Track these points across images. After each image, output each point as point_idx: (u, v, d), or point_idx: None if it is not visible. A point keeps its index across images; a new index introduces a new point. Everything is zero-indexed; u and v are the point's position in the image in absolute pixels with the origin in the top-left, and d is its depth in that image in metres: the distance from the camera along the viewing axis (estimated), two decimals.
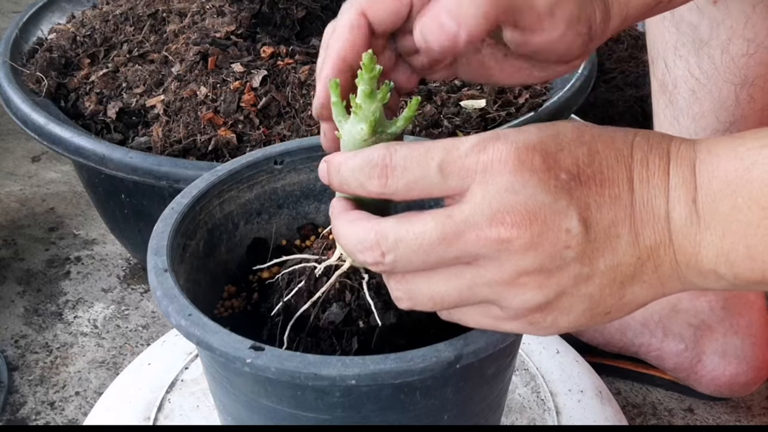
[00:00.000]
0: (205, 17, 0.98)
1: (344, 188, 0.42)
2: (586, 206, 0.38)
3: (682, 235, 0.39)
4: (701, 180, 0.39)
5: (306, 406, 0.44)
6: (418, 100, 0.43)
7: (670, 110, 0.76)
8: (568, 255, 0.38)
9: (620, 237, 0.39)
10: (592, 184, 0.39)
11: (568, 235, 0.38)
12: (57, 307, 0.98)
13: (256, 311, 0.54)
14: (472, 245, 0.38)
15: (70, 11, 1.08)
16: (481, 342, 0.42)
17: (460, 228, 0.38)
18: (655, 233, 0.39)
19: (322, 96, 0.46)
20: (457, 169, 0.39)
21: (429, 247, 0.39)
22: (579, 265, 0.39)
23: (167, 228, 0.50)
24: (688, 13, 0.71)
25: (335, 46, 0.46)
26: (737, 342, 0.81)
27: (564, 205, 0.38)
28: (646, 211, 0.39)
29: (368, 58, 0.42)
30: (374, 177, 0.40)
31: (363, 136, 0.43)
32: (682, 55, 0.73)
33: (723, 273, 0.39)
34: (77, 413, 0.85)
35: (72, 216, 1.14)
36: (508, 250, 0.38)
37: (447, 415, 0.47)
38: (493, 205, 0.38)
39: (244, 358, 0.41)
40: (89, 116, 0.91)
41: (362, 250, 0.40)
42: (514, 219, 0.38)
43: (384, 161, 0.40)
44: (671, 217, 0.39)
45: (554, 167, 0.38)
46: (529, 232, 0.38)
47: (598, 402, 0.71)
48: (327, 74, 0.46)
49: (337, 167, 0.42)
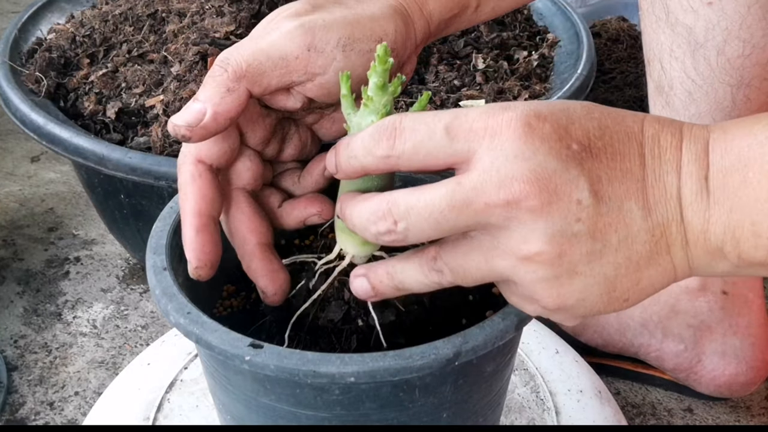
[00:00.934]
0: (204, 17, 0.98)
1: (352, 163, 0.41)
2: (598, 179, 0.38)
3: (692, 211, 0.38)
4: (714, 157, 0.38)
5: (305, 404, 0.44)
6: (429, 95, 0.44)
7: (666, 112, 0.77)
8: (579, 228, 0.38)
9: (632, 212, 0.38)
10: (603, 156, 0.38)
11: (578, 207, 0.37)
12: (56, 307, 0.98)
13: (255, 310, 0.54)
14: (482, 213, 0.38)
15: (69, 11, 1.08)
16: (480, 339, 0.42)
17: (469, 196, 0.38)
18: (667, 210, 0.39)
19: (194, 260, 0.45)
20: (465, 132, 0.38)
21: (440, 215, 0.38)
22: (591, 241, 0.38)
23: (166, 227, 0.50)
24: (683, 15, 0.71)
25: (186, 206, 0.46)
26: (736, 342, 0.82)
27: (575, 174, 0.37)
28: (658, 186, 0.39)
29: (383, 50, 0.42)
30: (383, 140, 0.39)
31: None
32: (677, 57, 0.74)
33: (728, 251, 0.38)
34: (76, 413, 0.85)
35: (71, 216, 1.14)
36: (516, 218, 0.37)
37: (446, 413, 0.47)
38: (502, 172, 0.37)
39: (243, 355, 0.41)
40: (88, 116, 0.91)
41: (375, 220, 0.40)
42: (523, 186, 0.37)
43: (393, 124, 0.40)
44: (682, 193, 0.38)
45: (565, 137, 0.38)
46: (538, 199, 0.37)
47: (597, 402, 0.71)
48: (190, 238, 0.45)
49: (347, 142, 0.41)
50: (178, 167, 0.47)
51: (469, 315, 0.51)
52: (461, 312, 0.51)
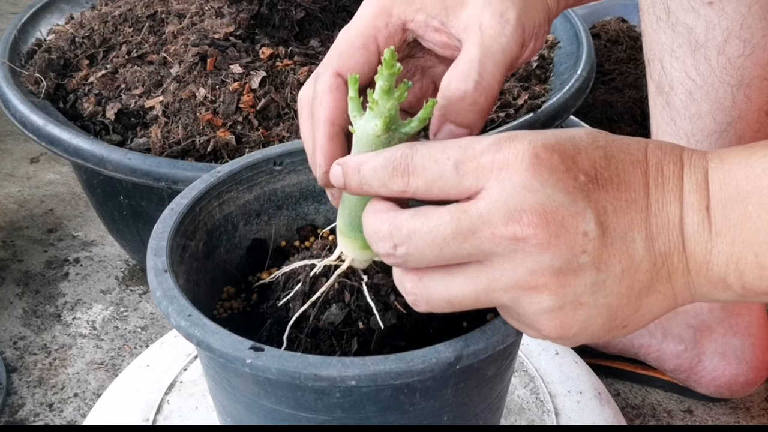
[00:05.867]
0: (204, 18, 0.98)
1: (364, 189, 0.41)
2: (604, 210, 0.38)
3: (694, 242, 0.39)
4: (713, 187, 0.39)
5: (306, 407, 0.44)
6: (434, 102, 0.44)
7: (667, 112, 0.77)
8: (584, 260, 0.38)
9: (635, 242, 0.38)
10: (609, 187, 0.38)
11: (584, 239, 0.38)
12: (56, 309, 0.98)
13: (256, 312, 0.54)
14: (487, 242, 0.38)
15: (68, 12, 1.08)
16: (481, 343, 0.42)
17: (475, 224, 0.38)
18: (669, 239, 0.39)
19: (325, 164, 0.47)
20: (473, 169, 0.38)
21: (443, 242, 0.38)
22: (595, 272, 0.38)
23: (167, 229, 0.50)
24: (684, 15, 0.71)
25: (321, 113, 0.47)
26: (737, 342, 0.81)
27: (582, 207, 0.38)
28: (661, 216, 0.39)
29: (390, 54, 0.42)
30: (397, 176, 0.40)
31: (376, 132, 0.43)
32: (678, 57, 0.73)
33: (731, 282, 0.39)
34: (76, 415, 0.85)
35: (71, 217, 1.14)
36: (523, 250, 0.37)
37: (446, 416, 0.47)
38: (510, 204, 0.37)
39: (244, 358, 0.41)
40: (88, 117, 0.91)
41: (376, 240, 0.40)
42: (531, 219, 0.37)
43: (406, 160, 0.40)
44: (685, 223, 0.39)
45: (573, 168, 0.38)
46: (545, 232, 0.37)
47: (597, 403, 0.71)
48: (322, 143, 0.46)
49: (356, 167, 0.41)
50: (316, 76, 0.48)
51: (470, 318, 0.51)
52: (462, 315, 0.51)
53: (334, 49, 0.48)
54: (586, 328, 0.39)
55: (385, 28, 0.48)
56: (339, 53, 0.48)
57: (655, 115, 0.79)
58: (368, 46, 0.48)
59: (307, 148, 0.49)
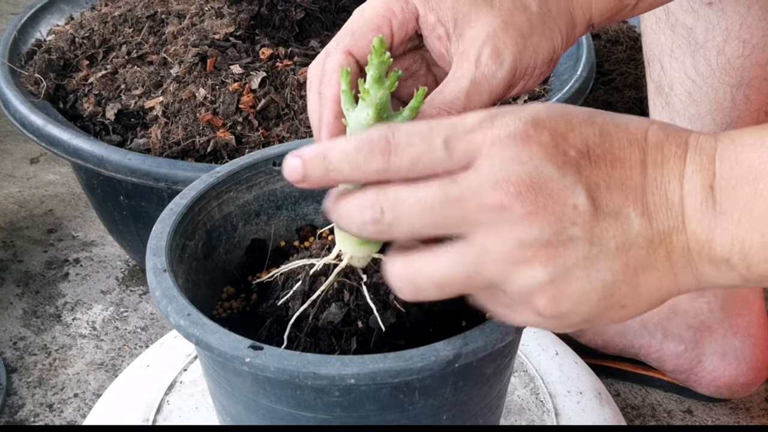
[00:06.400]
0: (203, 19, 0.98)
1: (331, 176, 0.39)
2: (596, 185, 0.37)
3: (696, 220, 0.38)
4: (722, 167, 0.38)
5: (305, 406, 0.44)
6: (425, 91, 0.44)
7: (666, 112, 0.77)
8: (574, 232, 0.37)
9: (631, 219, 0.38)
10: (602, 163, 0.38)
11: (574, 211, 0.37)
12: (56, 309, 0.98)
13: (255, 312, 0.54)
14: (473, 211, 0.37)
15: (68, 13, 1.08)
16: (480, 341, 0.42)
17: (463, 193, 0.37)
18: (668, 218, 0.38)
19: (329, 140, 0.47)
20: (464, 144, 0.38)
21: (429, 209, 0.37)
22: (588, 245, 0.37)
23: (166, 229, 0.50)
24: (684, 15, 0.71)
25: (329, 92, 0.47)
26: (737, 343, 0.82)
27: (572, 180, 0.37)
28: (659, 195, 0.38)
29: (378, 42, 0.42)
30: (375, 154, 0.38)
31: (368, 121, 0.43)
32: (678, 57, 0.74)
33: (736, 263, 0.38)
34: (76, 415, 0.85)
35: (70, 218, 1.14)
36: (509, 220, 0.37)
37: (446, 415, 0.47)
38: (498, 175, 0.37)
39: (243, 357, 0.41)
40: (88, 118, 0.91)
41: (362, 208, 0.38)
42: (518, 189, 0.36)
43: (386, 138, 0.38)
44: (685, 202, 0.38)
45: (563, 144, 0.38)
46: (532, 203, 0.36)
47: (597, 403, 0.71)
48: (328, 121, 0.46)
49: (321, 154, 0.39)
50: (326, 53, 0.48)
51: (469, 316, 0.51)
52: (461, 313, 0.51)
53: (347, 28, 0.48)
54: (581, 305, 0.38)
55: (400, 13, 0.48)
56: (352, 32, 0.48)
57: (655, 116, 0.79)
58: (382, 28, 0.48)
59: (313, 124, 0.49)
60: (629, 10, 0.53)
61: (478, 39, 0.47)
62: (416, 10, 0.48)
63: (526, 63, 0.47)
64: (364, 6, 0.49)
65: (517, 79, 0.48)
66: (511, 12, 0.47)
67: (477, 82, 0.46)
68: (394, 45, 0.49)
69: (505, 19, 0.47)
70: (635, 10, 0.53)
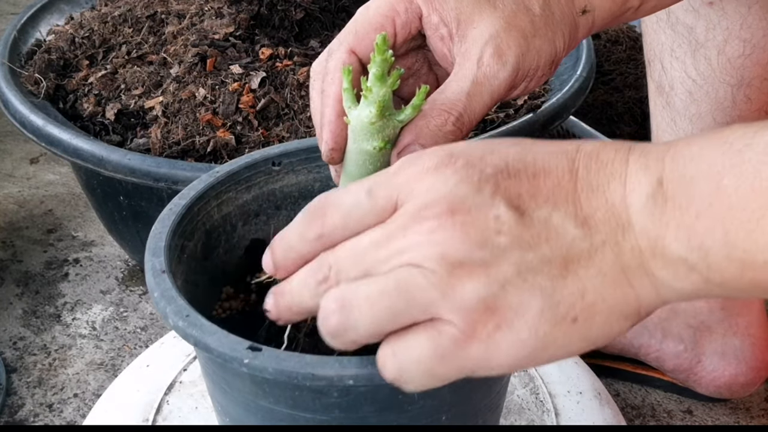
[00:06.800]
0: (203, 19, 0.98)
1: (289, 255, 0.41)
2: (517, 195, 0.37)
3: (644, 215, 0.36)
4: (673, 165, 0.36)
5: (304, 407, 0.44)
6: (427, 89, 0.44)
7: (667, 112, 0.77)
8: (501, 241, 0.36)
9: (563, 222, 0.36)
10: (522, 175, 0.37)
11: (497, 222, 0.36)
12: (55, 309, 0.98)
13: (255, 312, 0.54)
14: (400, 243, 0.37)
15: (68, 13, 1.08)
16: None
17: (391, 232, 0.37)
18: (609, 218, 0.36)
19: (331, 141, 0.47)
20: (385, 189, 0.39)
21: (362, 255, 0.38)
22: (519, 252, 0.36)
23: (165, 229, 0.50)
24: (684, 15, 0.71)
25: (331, 90, 0.47)
26: (736, 342, 0.81)
27: (489, 194, 0.36)
28: (596, 197, 0.37)
29: (381, 40, 0.42)
30: (313, 220, 0.40)
31: (371, 119, 0.43)
32: (678, 57, 0.74)
33: (694, 262, 0.35)
34: (75, 415, 0.85)
35: (70, 218, 1.14)
36: (434, 242, 0.36)
37: (445, 415, 0.47)
38: (417, 205, 0.37)
39: (242, 358, 0.41)
40: (88, 118, 0.91)
41: (309, 274, 0.40)
42: (435, 211, 0.36)
43: (320, 203, 0.40)
44: (629, 200, 0.36)
45: (479, 164, 0.37)
46: (451, 220, 0.36)
47: (597, 403, 0.71)
48: (329, 119, 0.47)
49: (281, 235, 0.42)
50: (330, 52, 0.49)
51: None
52: None
53: (350, 27, 0.49)
54: (523, 314, 0.36)
55: (404, 13, 0.48)
56: (355, 31, 0.48)
57: (656, 116, 0.79)
58: (385, 27, 0.48)
59: (315, 122, 0.49)
60: (631, 13, 0.53)
61: (481, 39, 0.47)
62: (420, 10, 0.48)
63: (529, 64, 0.47)
64: (367, 5, 0.49)
65: (519, 80, 0.48)
66: (514, 13, 0.47)
67: (478, 82, 0.46)
68: (397, 44, 0.49)
69: (508, 20, 0.47)
70: (638, 14, 0.53)
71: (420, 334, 0.37)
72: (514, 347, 0.36)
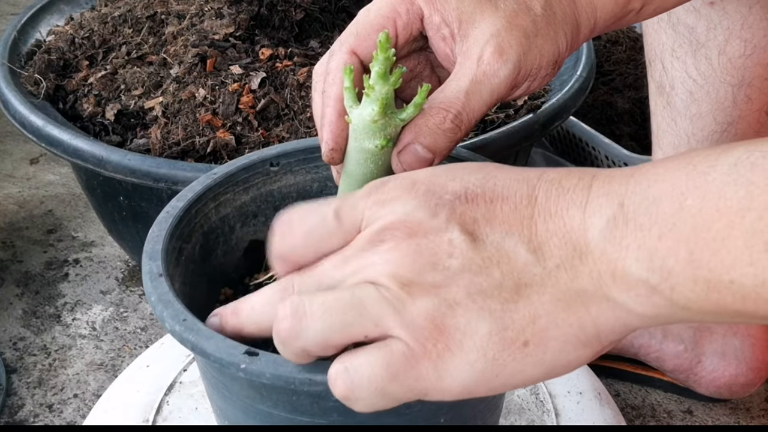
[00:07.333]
0: (203, 19, 0.98)
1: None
2: (472, 220, 0.37)
3: (603, 238, 0.35)
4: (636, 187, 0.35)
5: (302, 411, 0.44)
6: (429, 87, 0.44)
7: (667, 112, 0.76)
8: (453, 264, 0.36)
9: (517, 247, 0.36)
10: (480, 200, 0.38)
11: (450, 245, 0.37)
12: (55, 310, 0.98)
13: None
14: (359, 262, 0.38)
15: (68, 13, 1.08)
16: None
17: (352, 253, 0.39)
18: (565, 243, 0.36)
19: (331, 141, 0.47)
20: (350, 213, 0.40)
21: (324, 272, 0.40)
22: (469, 275, 0.36)
23: (162, 232, 0.50)
24: (685, 15, 0.71)
25: (332, 90, 0.47)
26: (736, 343, 0.81)
27: (444, 218, 0.37)
28: (554, 222, 0.36)
29: (384, 37, 0.42)
30: (276, 235, 0.41)
31: (373, 117, 0.43)
32: (679, 57, 0.73)
33: (656, 283, 0.34)
34: (75, 415, 0.85)
35: (70, 218, 1.14)
36: (389, 260, 0.37)
37: (443, 417, 0.47)
38: (376, 228, 0.38)
39: (239, 363, 0.41)
40: (87, 118, 0.91)
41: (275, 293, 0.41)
42: (392, 232, 0.38)
43: (286, 219, 0.41)
44: (587, 224, 0.36)
45: (440, 191, 0.38)
46: (406, 242, 0.37)
47: (597, 404, 0.71)
48: (330, 120, 0.47)
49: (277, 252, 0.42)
50: (331, 53, 0.49)
51: None
52: None
53: (352, 28, 0.49)
54: (471, 336, 0.36)
55: (405, 14, 0.48)
56: (357, 32, 0.48)
57: (656, 115, 0.79)
58: (387, 28, 0.48)
59: (317, 122, 0.49)
60: (633, 16, 0.53)
61: (482, 38, 0.47)
62: (421, 11, 0.48)
63: (531, 63, 0.47)
64: (369, 6, 0.49)
65: (521, 80, 0.48)
66: (515, 13, 0.47)
67: (478, 81, 0.46)
68: (399, 45, 0.49)
69: (510, 20, 0.47)
70: (639, 16, 0.53)
71: (372, 352, 0.37)
72: (463, 369, 0.36)
